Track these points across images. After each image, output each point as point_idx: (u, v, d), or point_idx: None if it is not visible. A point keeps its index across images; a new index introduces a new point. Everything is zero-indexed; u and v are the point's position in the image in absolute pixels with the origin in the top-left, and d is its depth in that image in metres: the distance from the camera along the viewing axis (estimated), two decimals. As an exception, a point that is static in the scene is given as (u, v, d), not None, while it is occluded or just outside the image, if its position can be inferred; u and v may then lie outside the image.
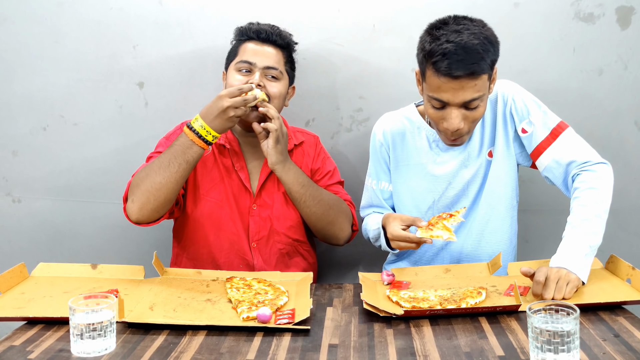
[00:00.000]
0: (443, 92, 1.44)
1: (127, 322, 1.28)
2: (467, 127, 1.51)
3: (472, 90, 1.43)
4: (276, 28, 1.73)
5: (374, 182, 1.76)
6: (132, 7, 1.93)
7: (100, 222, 2.03)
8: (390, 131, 1.70)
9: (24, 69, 1.97)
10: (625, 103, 1.92)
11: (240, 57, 1.68)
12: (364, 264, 2.04)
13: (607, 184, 1.49)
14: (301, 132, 1.83)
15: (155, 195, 1.53)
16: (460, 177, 1.64)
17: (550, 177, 1.57)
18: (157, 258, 1.55)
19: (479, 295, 1.36)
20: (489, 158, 1.62)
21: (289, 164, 1.63)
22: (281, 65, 1.70)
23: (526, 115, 1.58)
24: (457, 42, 1.40)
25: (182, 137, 1.54)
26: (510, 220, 1.67)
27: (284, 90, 1.70)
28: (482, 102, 1.48)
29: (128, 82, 1.97)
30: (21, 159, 2.02)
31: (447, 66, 1.40)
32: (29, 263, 1.57)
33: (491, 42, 1.45)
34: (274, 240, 1.72)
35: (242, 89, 1.53)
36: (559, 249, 1.42)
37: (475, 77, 1.42)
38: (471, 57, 1.40)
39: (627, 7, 1.87)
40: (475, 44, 1.41)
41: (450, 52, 1.40)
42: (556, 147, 1.55)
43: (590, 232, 1.42)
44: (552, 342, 1.04)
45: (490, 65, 1.45)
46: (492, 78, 1.52)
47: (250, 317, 1.29)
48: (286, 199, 1.72)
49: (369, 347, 1.19)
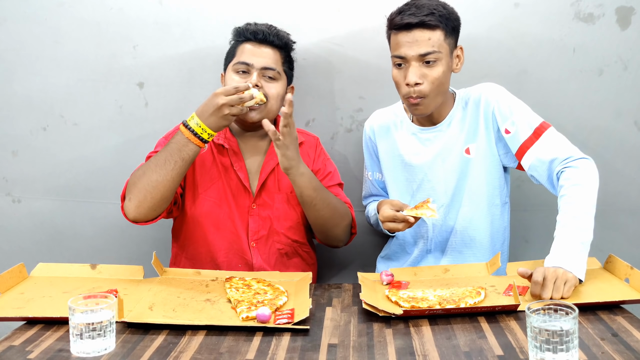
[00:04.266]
0: (400, 47, 1.58)
1: (127, 322, 1.28)
2: (427, 88, 1.59)
3: (427, 45, 1.56)
4: (273, 28, 1.72)
5: (369, 174, 1.87)
6: (132, 8, 1.93)
7: (100, 222, 2.03)
8: (377, 125, 1.81)
9: (24, 69, 1.97)
10: (625, 103, 1.92)
11: (238, 58, 1.69)
12: (363, 264, 2.04)
13: (592, 179, 1.50)
14: (301, 133, 1.81)
15: (152, 193, 1.53)
16: (435, 169, 1.70)
17: (536, 175, 1.59)
18: (157, 258, 1.55)
19: (477, 295, 1.36)
20: (466, 155, 1.68)
21: (302, 168, 1.58)
22: (279, 65, 1.70)
23: (509, 115, 1.62)
24: (412, 3, 1.60)
25: (178, 135, 1.54)
26: (492, 219, 1.71)
27: (282, 91, 1.70)
28: (440, 62, 1.58)
29: (128, 82, 1.97)
30: (21, 159, 2.02)
31: (400, 18, 1.57)
32: (28, 263, 1.57)
33: (445, 8, 1.59)
34: (273, 240, 1.72)
35: (238, 88, 1.52)
36: (552, 249, 1.43)
37: (428, 29, 1.56)
38: (422, 11, 1.56)
39: (627, 7, 1.87)
40: (428, 3, 1.58)
41: (404, 10, 1.58)
42: (539, 146, 1.58)
43: (580, 229, 1.43)
44: (550, 342, 1.04)
45: (444, 24, 1.57)
46: (457, 54, 1.64)
47: (250, 317, 1.29)
48: (287, 199, 1.72)
49: (368, 347, 1.19)
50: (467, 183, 1.69)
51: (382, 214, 1.60)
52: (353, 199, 1.84)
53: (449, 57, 1.60)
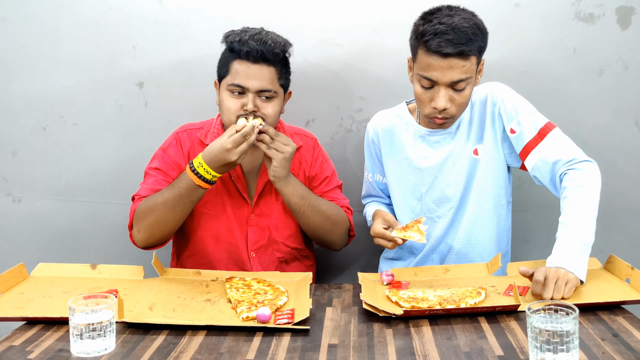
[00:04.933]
0: (432, 70, 1.51)
1: (127, 322, 1.28)
2: (453, 110, 1.56)
3: (460, 71, 1.51)
4: (269, 43, 1.59)
5: (369, 175, 1.84)
6: (132, 8, 1.93)
7: (100, 222, 2.03)
8: (381, 128, 1.77)
9: (24, 69, 1.97)
10: (625, 103, 1.92)
11: (233, 78, 1.60)
12: (363, 264, 2.04)
13: (595, 181, 1.51)
14: (299, 135, 1.80)
15: (162, 229, 1.61)
16: (445, 172, 1.69)
17: (539, 176, 1.59)
18: (157, 258, 1.55)
19: (478, 295, 1.36)
20: (474, 156, 1.67)
21: (289, 178, 1.62)
22: (275, 84, 1.62)
23: (515, 115, 1.62)
24: (448, 24, 1.49)
25: (187, 180, 1.55)
26: (498, 219, 1.70)
27: (278, 108, 1.65)
28: (469, 85, 1.55)
29: (128, 83, 1.97)
30: (21, 159, 2.02)
31: (437, 44, 1.48)
32: (28, 263, 1.57)
33: (480, 29, 1.53)
34: (273, 249, 1.72)
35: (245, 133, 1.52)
36: (554, 249, 1.43)
37: (464, 57, 1.50)
38: (461, 38, 1.48)
39: (627, 7, 1.86)
40: (465, 27, 1.49)
41: (442, 32, 1.48)
42: (543, 147, 1.58)
43: (582, 230, 1.44)
44: (551, 342, 1.04)
45: (478, 49, 1.52)
46: (480, 69, 1.59)
47: (250, 317, 1.30)
48: (285, 208, 1.72)
49: (368, 347, 1.19)
50: (474, 184, 1.68)
51: (373, 229, 1.61)
52: (353, 199, 1.84)
53: (475, 75, 1.57)
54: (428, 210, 1.71)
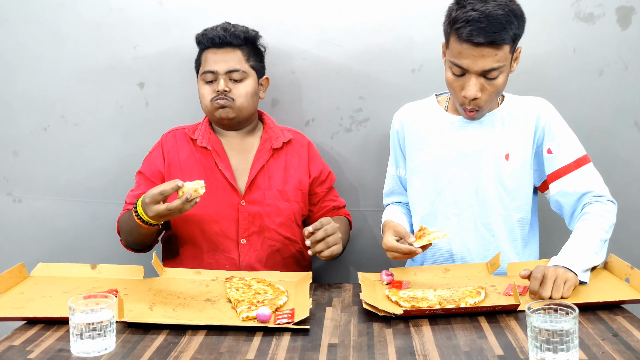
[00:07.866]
0: (464, 58, 1.47)
1: (127, 322, 1.28)
2: (485, 98, 1.53)
3: (492, 60, 1.46)
4: (230, 28, 1.71)
5: (393, 169, 1.78)
6: (132, 8, 1.93)
7: (100, 222, 2.03)
8: (408, 117, 1.72)
9: (25, 69, 1.98)
10: (625, 103, 1.92)
11: (204, 67, 1.71)
12: (363, 264, 2.04)
13: (613, 219, 1.54)
14: (290, 131, 1.82)
15: (137, 243, 1.67)
16: (471, 166, 1.62)
17: (562, 202, 1.58)
18: (157, 258, 1.56)
19: (478, 295, 1.36)
20: (505, 161, 1.62)
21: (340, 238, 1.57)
22: (243, 64, 1.71)
23: (557, 137, 1.60)
24: (481, 11, 1.44)
25: (133, 217, 1.52)
26: (520, 231, 1.64)
27: (251, 89, 1.71)
28: (502, 74, 1.50)
29: (128, 83, 1.97)
30: (22, 159, 2.03)
31: (469, 33, 1.44)
32: (28, 263, 1.57)
33: (516, 16, 1.47)
34: (265, 237, 1.72)
35: (163, 192, 1.43)
36: (560, 252, 1.44)
37: (496, 46, 1.45)
38: (493, 26, 1.43)
39: (627, 7, 1.86)
40: (499, 14, 1.44)
41: (474, 20, 1.44)
42: (577, 176, 1.57)
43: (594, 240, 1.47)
44: (551, 342, 1.04)
45: (512, 38, 1.47)
46: (515, 57, 1.54)
47: (250, 317, 1.30)
48: (279, 195, 1.72)
49: (368, 347, 1.19)
50: (498, 189, 1.61)
51: (385, 243, 1.53)
52: (351, 199, 1.85)
53: (509, 64, 1.52)
54: (446, 205, 1.65)
